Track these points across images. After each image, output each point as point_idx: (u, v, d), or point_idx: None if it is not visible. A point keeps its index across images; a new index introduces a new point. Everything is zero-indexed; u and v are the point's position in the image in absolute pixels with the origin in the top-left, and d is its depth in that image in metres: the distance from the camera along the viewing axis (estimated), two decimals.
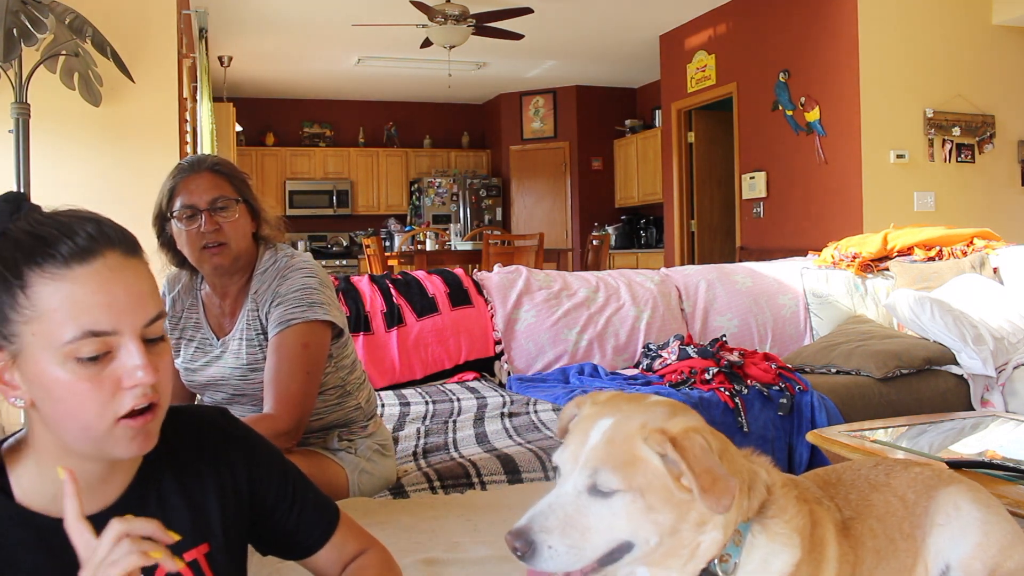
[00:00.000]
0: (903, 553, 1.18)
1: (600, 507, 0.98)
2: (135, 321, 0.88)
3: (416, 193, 10.89)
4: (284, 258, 1.87)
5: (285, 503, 1.08)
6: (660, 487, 0.98)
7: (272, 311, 1.79)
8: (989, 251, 3.89)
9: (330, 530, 1.11)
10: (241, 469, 1.05)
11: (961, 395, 3.26)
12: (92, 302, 0.86)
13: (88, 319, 0.85)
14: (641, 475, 0.98)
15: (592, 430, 1.02)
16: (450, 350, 3.35)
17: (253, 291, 1.84)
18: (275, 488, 1.08)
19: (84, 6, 3.16)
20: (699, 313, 3.73)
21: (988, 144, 6.19)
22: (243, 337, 1.83)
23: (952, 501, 1.21)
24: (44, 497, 0.92)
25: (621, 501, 0.98)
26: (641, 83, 10.25)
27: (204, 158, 1.86)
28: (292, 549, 1.11)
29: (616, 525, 0.98)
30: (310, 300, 1.78)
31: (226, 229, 1.79)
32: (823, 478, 1.27)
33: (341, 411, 1.95)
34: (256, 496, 1.06)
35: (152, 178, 4.13)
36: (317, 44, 8.15)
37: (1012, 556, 1.18)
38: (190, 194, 1.79)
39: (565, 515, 0.97)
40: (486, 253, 6.04)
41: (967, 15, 6.09)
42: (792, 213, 6.54)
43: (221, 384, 1.87)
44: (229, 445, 1.05)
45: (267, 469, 1.08)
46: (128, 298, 0.88)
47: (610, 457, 0.99)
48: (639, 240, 9.97)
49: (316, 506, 1.11)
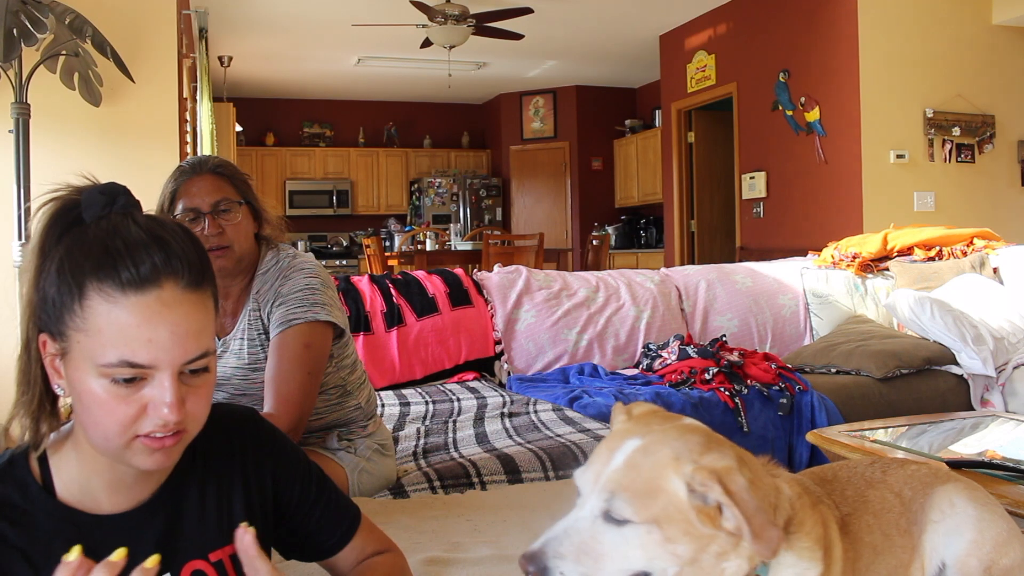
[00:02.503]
0: (900, 549, 1.18)
1: (615, 535, 0.94)
2: (175, 359, 0.89)
3: (416, 193, 10.89)
4: (286, 258, 1.86)
5: (308, 503, 1.09)
6: (680, 520, 0.94)
7: (274, 311, 1.79)
8: (989, 251, 3.89)
9: (351, 531, 1.12)
10: (267, 470, 1.06)
11: (961, 395, 3.26)
12: (135, 335, 0.87)
13: (127, 350, 0.87)
14: (660, 507, 0.94)
15: (617, 451, 0.99)
16: (450, 350, 3.35)
17: (255, 291, 1.84)
18: (299, 488, 1.09)
19: (84, 6, 3.16)
20: (699, 313, 3.73)
21: (988, 144, 6.19)
22: (244, 337, 1.83)
23: (947, 498, 1.21)
24: (83, 492, 0.94)
25: (635, 532, 0.94)
26: (641, 83, 10.25)
27: (205, 159, 1.85)
28: (314, 550, 1.12)
29: (631, 555, 0.94)
30: (312, 300, 1.78)
31: (229, 232, 1.79)
32: (819, 475, 1.27)
33: (341, 411, 1.95)
34: (280, 496, 1.08)
35: (152, 178, 4.13)
36: (317, 44, 8.15)
37: (1007, 553, 1.18)
38: (192, 197, 1.79)
39: (580, 541, 0.94)
40: (486, 253, 6.04)
41: (967, 15, 6.09)
42: (792, 213, 6.54)
43: (222, 384, 1.87)
44: (258, 446, 1.07)
45: (292, 469, 1.09)
46: (172, 338, 0.89)
47: (630, 484, 0.95)
48: (639, 240, 9.97)
49: (338, 507, 1.12)
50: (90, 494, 0.94)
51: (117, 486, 0.95)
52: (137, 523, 0.95)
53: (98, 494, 0.95)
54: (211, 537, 1.00)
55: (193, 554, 0.98)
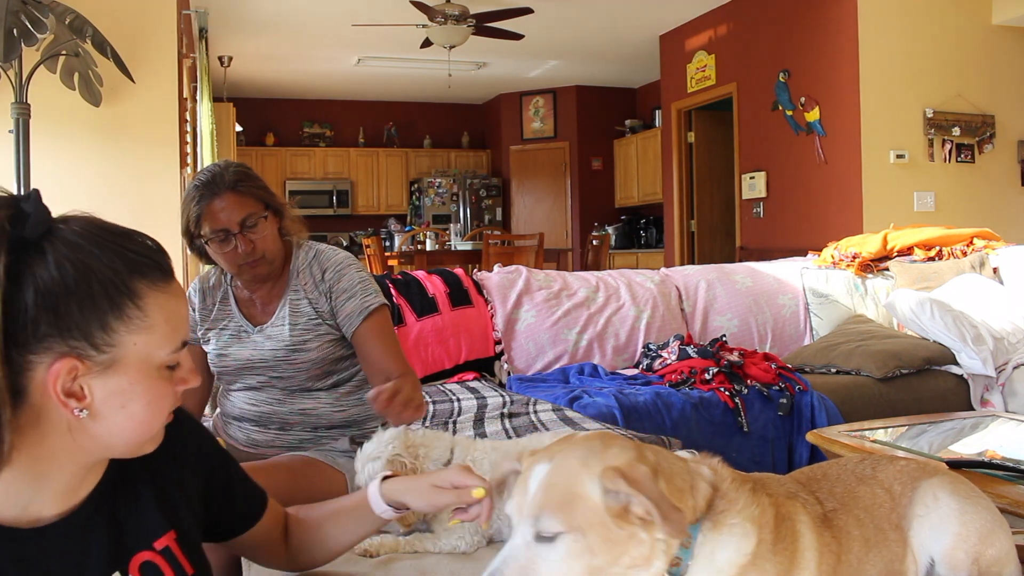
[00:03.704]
0: (894, 543, 1.19)
1: (549, 552, 1.00)
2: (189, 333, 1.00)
3: (416, 193, 10.89)
4: (322, 252, 1.98)
5: (230, 472, 1.17)
6: (598, 524, 1.00)
7: (344, 304, 1.91)
8: (989, 251, 3.89)
9: (265, 498, 1.21)
10: (190, 448, 1.10)
11: (961, 395, 3.26)
12: (183, 315, 0.96)
13: (185, 330, 0.96)
14: (580, 513, 1.00)
15: (531, 479, 1.05)
16: (450, 350, 3.34)
17: (294, 282, 1.95)
18: (219, 458, 1.16)
19: (84, 6, 3.16)
20: (699, 313, 3.73)
21: (988, 144, 6.19)
22: (286, 323, 1.92)
23: (931, 492, 1.22)
24: (15, 507, 0.90)
25: (563, 543, 0.99)
26: (641, 83, 10.25)
27: (220, 175, 1.85)
28: (242, 521, 1.18)
29: (564, 569, 1.00)
30: (371, 288, 1.95)
31: (259, 244, 1.86)
32: (808, 474, 1.28)
33: (362, 406, 2.00)
34: (211, 478, 1.13)
35: (152, 178, 4.15)
36: (317, 44, 8.15)
37: (993, 543, 1.20)
38: (218, 219, 1.83)
39: (519, 566, 1.00)
40: (486, 253, 6.04)
41: (967, 15, 6.09)
42: (792, 213, 6.55)
43: (258, 365, 1.93)
44: (184, 436, 1.09)
45: (209, 444, 1.15)
46: (189, 313, 1.00)
47: (550, 501, 1.01)
48: (639, 240, 9.97)
49: (247, 481, 1.20)
50: (30, 509, 0.91)
51: (64, 493, 0.93)
52: (81, 526, 0.94)
53: (43, 506, 0.91)
54: (152, 525, 1.00)
55: (140, 546, 0.98)
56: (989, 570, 1.19)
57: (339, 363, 1.96)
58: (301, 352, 1.91)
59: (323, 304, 1.93)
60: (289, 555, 1.24)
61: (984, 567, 1.19)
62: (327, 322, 1.93)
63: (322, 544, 1.24)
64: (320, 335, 1.92)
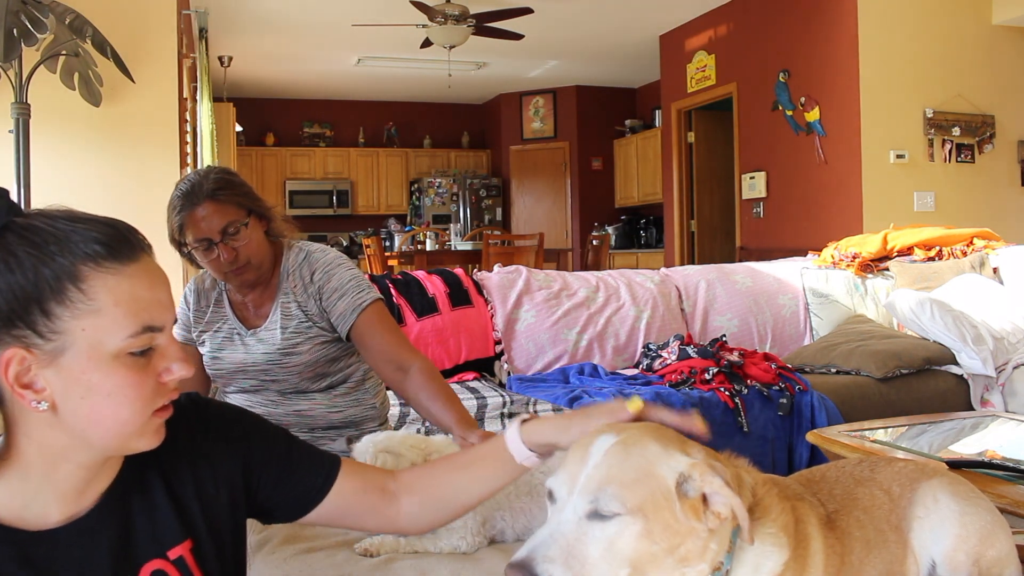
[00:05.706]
0: (894, 544, 1.19)
1: (600, 532, 0.94)
2: (172, 318, 0.92)
3: (416, 193, 10.89)
4: (312, 253, 1.97)
5: (278, 456, 1.09)
6: (664, 509, 0.95)
7: (335, 304, 1.90)
8: (989, 251, 3.89)
9: (335, 470, 1.12)
10: (217, 446, 1.04)
11: (961, 395, 3.26)
12: (149, 298, 0.89)
13: (147, 315, 0.88)
14: (648, 493, 0.94)
15: (592, 450, 0.98)
16: (450, 350, 3.34)
17: (284, 285, 1.93)
18: (263, 447, 1.08)
19: (84, 6, 3.16)
20: (699, 313, 3.73)
21: (988, 144, 6.19)
22: (278, 327, 1.91)
23: (931, 494, 1.22)
24: (19, 508, 0.89)
25: (621, 524, 0.94)
26: (641, 83, 10.25)
27: (200, 184, 1.82)
28: (303, 500, 1.10)
29: (617, 551, 0.94)
30: (364, 285, 1.92)
31: (243, 251, 1.84)
32: (807, 477, 1.28)
33: (359, 407, 2.00)
34: (250, 464, 1.06)
35: (152, 178, 4.15)
36: (317, 44, 8.15)
37: (993, 544, 1.20)
38: (199, 228, 1.82)
39: (567, 543, 0.94)
40: (486, 253, 6.04)
41: (967, 15, 6.09)
42: (792, 213, 6.54)
43: (251, 369, 1.93)
44: (204, 433, 1.04)
45: (246, 431, 1.08)
46: (168, 296, 0.92)
47: (617, 475, 0.95)
48: (639, 240, 9.97)
49: (312, 454, 1.13)
50: (33, 510, 0.89)
51: (69, 495, 0.91)
52: (89, 530, 0.92)
53: (47, 507, 0.90)
54: (168, 534, 0.97)
55: (151, 554, 0.95)
56: (990, 571, 1.19)
57: (333, 364, 1.96)
58: (293, 355, 1.90)
59: (312, 306, 1.91)
60: (405, 516, 1.15)
61: (985, 568, 1.19)
62: (317, 324, 1.91)
63: (454, 499, 1.15)
64: (311, 338, 1.91)
